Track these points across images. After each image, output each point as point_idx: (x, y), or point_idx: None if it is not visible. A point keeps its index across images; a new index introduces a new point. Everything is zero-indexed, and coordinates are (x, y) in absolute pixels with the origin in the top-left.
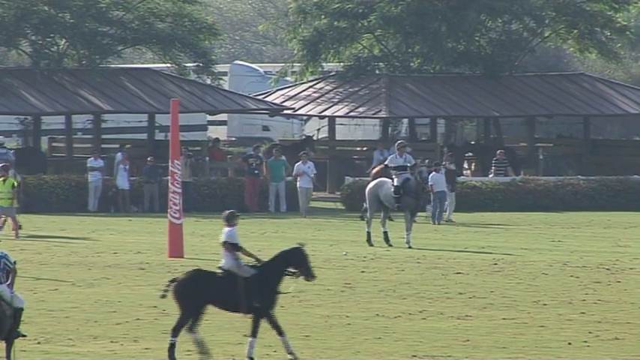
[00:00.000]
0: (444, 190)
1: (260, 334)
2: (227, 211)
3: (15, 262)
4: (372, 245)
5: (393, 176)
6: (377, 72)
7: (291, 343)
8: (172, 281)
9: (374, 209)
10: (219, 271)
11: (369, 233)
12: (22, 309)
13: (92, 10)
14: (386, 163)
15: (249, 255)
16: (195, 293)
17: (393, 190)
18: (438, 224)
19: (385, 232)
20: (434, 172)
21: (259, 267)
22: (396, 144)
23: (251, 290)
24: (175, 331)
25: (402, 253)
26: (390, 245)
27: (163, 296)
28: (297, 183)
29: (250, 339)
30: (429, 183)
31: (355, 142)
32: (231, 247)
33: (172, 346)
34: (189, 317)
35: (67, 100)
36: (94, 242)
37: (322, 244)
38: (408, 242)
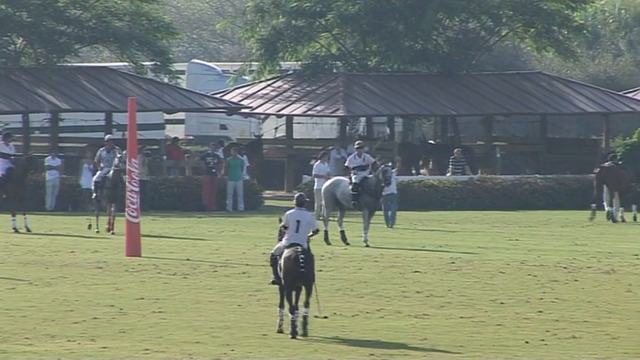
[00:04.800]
0: (393, 193)
1: (216, 332)
2: (299, 193)
3: None
4: (329, 244)
5: (352, 175)
6: (334, 71)
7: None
8: (300, 259)
9: (330, 208)
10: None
11: (326, 232)
12: None
13: (49, 8)
14: (346, 164)
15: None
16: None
17: (351, 187)
18: (390, 227)
19: (342, 232)
20: None
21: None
22: (355, 144)
23: None
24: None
25: (360, 252)
26: (348, 244)
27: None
28: (315, 185)
29: (305, 309)
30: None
31: (313, 140)
32: (317, 232)
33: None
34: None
35: (24, 98)
36: (51, 241)
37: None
38: (365, 241)
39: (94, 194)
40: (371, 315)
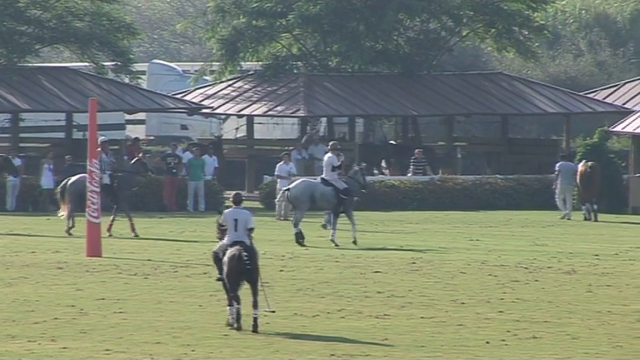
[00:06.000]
0: None
1: (177, 332)
2: (235, 192)
3: None
4: (303, 245)
5: (326, 176)
6: (295, 71)
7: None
8: (243, 257)
9: (304, 210)
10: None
11: (299, 233)
12: None
13: (9, 8)
14: (335, 164)
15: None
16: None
17: (341, 191)
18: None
19: (298, 231)
20: None
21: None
22: (330, 144)
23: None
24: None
25: (321, 252)
26: (303, 245)
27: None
28: (278, 185)
29: (255, 311)
30: None
31: (273, 141)
32: (252, 230)
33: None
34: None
35: None
36: (11, 241)
37: None
38: (332, 240)
39: None
40: (332, 315)
